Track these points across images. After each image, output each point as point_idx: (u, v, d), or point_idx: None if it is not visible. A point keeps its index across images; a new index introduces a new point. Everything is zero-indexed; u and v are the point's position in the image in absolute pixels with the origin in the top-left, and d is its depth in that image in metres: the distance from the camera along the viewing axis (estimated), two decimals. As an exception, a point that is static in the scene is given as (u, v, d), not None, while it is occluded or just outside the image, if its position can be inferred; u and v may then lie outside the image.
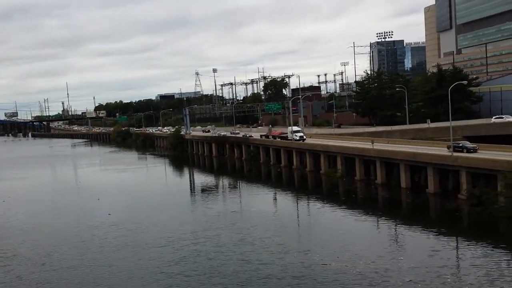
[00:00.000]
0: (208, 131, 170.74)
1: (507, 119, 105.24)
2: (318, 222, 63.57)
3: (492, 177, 61.66)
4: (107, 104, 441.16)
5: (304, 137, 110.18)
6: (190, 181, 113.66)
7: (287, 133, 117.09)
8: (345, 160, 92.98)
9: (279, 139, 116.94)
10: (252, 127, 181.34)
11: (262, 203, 77.11)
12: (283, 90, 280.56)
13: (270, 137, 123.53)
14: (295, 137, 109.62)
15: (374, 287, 38.79)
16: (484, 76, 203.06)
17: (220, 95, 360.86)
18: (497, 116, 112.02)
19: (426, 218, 62.50)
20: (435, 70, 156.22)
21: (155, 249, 52.54)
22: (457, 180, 68.50)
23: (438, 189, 71.37)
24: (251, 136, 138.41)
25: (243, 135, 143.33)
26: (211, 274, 44.04)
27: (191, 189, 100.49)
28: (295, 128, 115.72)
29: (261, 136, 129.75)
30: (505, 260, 43.69)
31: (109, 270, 46.76)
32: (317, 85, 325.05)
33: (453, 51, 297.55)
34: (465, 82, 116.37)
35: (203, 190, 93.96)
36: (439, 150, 76.36)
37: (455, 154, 69.55)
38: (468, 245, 49.44)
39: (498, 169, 59.43)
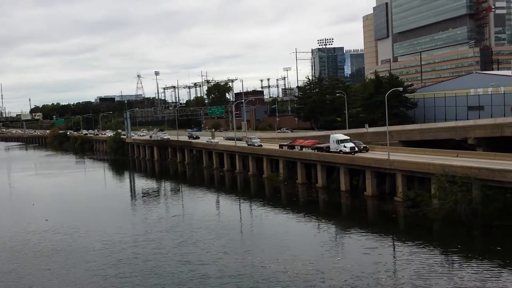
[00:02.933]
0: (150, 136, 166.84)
1: None
2: (260, 225, 64.29)
3: (426, 180, 64.50)
4: (44, 106, 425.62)
5: (356, 148, 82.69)
6: (131, 185, 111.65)
7: (323, 143, 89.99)
8: (287, 164, 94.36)
9: (313, 151, 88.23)
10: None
11: (205, 207, 77.15)
12: (227, 94, 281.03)
13: (298, 147, 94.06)
14: (344, 148, 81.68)
15: (308, 286, 39.70)
16: (418, 83, 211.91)
17: (163, 98, 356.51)
18: None
19: (364, 220, 64.47)
20: (373, 77, 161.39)
21: (92, 253, 52.08)
22: (394, 183, 71.17)
23: (376, 192, 73.82)
24: (217, 142, 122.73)
25: (207, 141, 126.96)
26: (147, 275, 44.34)
27: (131, 194, 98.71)
28: (341, 135, 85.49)
29: (281, 146, 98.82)
30: (437, 259, 45.84)
31: (44, 274, 46.03)
32: (260, 89, 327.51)
33: (390, 59, 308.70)
34: (400, 88, 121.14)
35: (144, 195, 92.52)
36: (378, 154, 79.09)
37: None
38: (403, 246, 51.53)
39: (432, 172, 62.22)
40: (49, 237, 59.66)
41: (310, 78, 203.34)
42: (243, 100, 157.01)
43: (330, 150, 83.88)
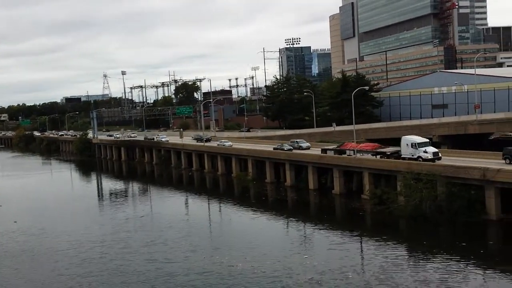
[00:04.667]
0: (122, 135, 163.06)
1: None
2: (229, 224, 64.31)
3: (393, 177, 65.58)
4: (9, 107, 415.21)
5: (440, 154, 65.59)
6: (98, 186, 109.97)
7: (384, 147, 75.28)
8: (256, 163, 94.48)
9: (373, 156, 71.80)
10: (159, 131, 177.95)
11: (174, 207, 76.87)
12: (195, 93, 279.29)
13: (350, 152, 75.23)
14: (424, 154, 64.71)
15: (276, 285, 39.92)
16: (384, 82, 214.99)
17: (130, 98, 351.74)
18: None
19: (332, 218, 65.17)
20: (340, 76, 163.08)
21: (60, 253, 52.00)
22: (361, 181, 72.10)
23: (344, 190, 74.65)
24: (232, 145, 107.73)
25: (218, 144, 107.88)
26: (114, 273, 44.64)
27: (98, 194, 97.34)
28: (418, 138, 69.29)
29: (324, 151, 80.00)
30: (402, 254, 46.82)
31: (12, 274, 45.95)
32: (229, 89, 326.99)
33: (356, 58, 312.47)
34: (367, 87, 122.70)
35: (111, 195, 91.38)
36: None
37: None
38: (370, 242, 52.29)
39: (398, 170, 63.28)
40: (17, 238, 59.41)
41: (278, 77, 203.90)
42: (212, 100, 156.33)
43: (402, 156, 67.38)
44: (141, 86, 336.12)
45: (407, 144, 67.26)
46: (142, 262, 47.69)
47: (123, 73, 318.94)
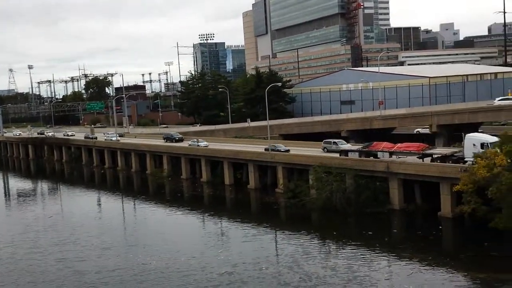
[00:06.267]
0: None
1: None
2: (143, 221, 63.63)
3: (305, 171, 68.08)
4: None
5: None
6: (4, 185, 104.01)
7: (431, 147, 64.68)
8: (171, 160, 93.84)
9: (420, 160, 59.26)
10: (84, 127, 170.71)
11: (85, 206, 74.66)
12: (106, 88, 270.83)
13: (385, 155, 62.36)
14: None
15: (189, 280, 40.43)
16: (296, 78, 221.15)
17: (38, 93, 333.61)
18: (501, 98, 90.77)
19: (247, 212, 66.50)
20: (254, 72, 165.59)
21: None
22: (275, 176, 74.08)
23: (259, 185, 76.29)
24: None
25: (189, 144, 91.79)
26: (22, 273, 43.64)
27: (5, 194, 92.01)
28: (487, 136, 57.47)
29: (344, 153, 67.50)
30: (314, 245, 48.92)
31: None
32: (142, 84, 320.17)
33: (269, 55, 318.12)
34: (280, 84, 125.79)
35: (19, 195, 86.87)
36: (259, 147, 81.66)
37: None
38: (283, 235, 54.20)
39: (310, 163, 65.76)
40: None
41: (193, 73, 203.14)
42: (124, 95, 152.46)
43: (466, 159, 54.40)
44: (49, 81, 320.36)
45: (474, 144, 54.07)
46: (52, 261, 46.78)
47: (30, 67, 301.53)
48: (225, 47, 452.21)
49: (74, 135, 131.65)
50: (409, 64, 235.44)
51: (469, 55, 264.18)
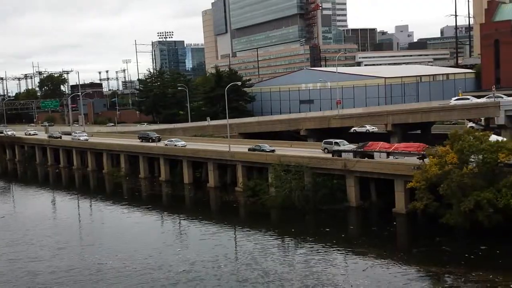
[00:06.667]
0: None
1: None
2: (99, 221, 62.74)
3: (264, 169, 68.55)
4: None
5: None
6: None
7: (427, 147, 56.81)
8: (129, 158, 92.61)
9: (423, 161, 52.56)
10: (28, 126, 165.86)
11: (39, 206, 72.93)
12: (62, 86, 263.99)
13: (382, 155, 59.01)
14: None
15: (146, 279, 40.20)
16: (256, 78, 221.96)
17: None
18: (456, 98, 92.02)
19: (206, 211, 66.34)
20: (213, 71, 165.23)
21: None
22: (235, 174, 74.25)
23: (218, 183, 76.26)
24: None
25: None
26: None
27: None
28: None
29: (336, 153, 64.03)
30: (273, 242, 49.36)
31: None
32: (99, 82, 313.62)
33: (229, 54, 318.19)
34: (239, 83, 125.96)
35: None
36: (219, 146, 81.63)
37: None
38: (242, 232, 54.53)
39: (269, 162, 66.25)
40: None
41: (151, 71, 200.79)
42: (80, 93, 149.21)
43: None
44: (1, 78, 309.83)
45: None
46: (4, 262, 45.72)
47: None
48: (185, 45, 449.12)
49: (36, 134, 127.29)
50: (366, 65, 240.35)
51: (422, 56, 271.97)
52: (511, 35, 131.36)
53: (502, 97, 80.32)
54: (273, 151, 71.52)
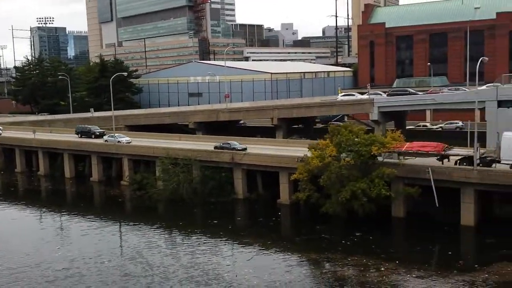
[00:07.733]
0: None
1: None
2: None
3: (152, 163, 67.56)
4: None
5: None
6: None
7: (449, 147, 51.91)
8: (4, 151, 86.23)
9: (442, 163, 49.51)
10: None
11: None
12: None
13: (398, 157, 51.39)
14: None
15: (22, 278, 38.35)
16: (144, 69, 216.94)
17: None
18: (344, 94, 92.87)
19: (89, 206, 63.98)
20: (98, 60, 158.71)
21: None
22: (121, 167, 72.30)
23: (103, 177, 73.84)
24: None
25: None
26: None
27: None
28: None
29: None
30: (160, 236, 49.11)
31: None
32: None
33: (115, 43, 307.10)
34: (125, 73, 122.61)
35: None
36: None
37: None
38: (128, 227, 53.38)
39: (156, 155, 65.38)
40: None
41: (29, 58, 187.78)
42: None
43: (503, 161, 46.31)
44: None
45: None
46: None
47: None
48: (67, 32, 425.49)
49: None
50: (253, 60, 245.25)
51: (306, 54, 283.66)
52: (384, 37, 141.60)
53: (381, 94, 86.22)
54: (244, 149, 61.67)
